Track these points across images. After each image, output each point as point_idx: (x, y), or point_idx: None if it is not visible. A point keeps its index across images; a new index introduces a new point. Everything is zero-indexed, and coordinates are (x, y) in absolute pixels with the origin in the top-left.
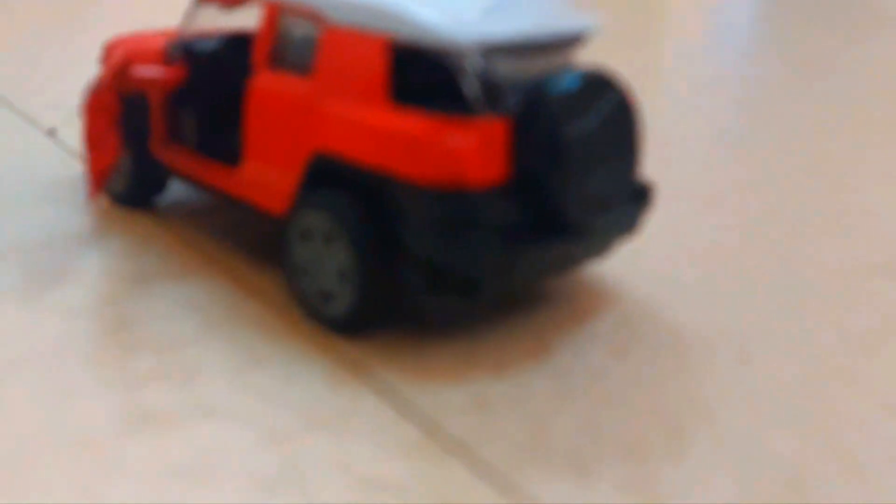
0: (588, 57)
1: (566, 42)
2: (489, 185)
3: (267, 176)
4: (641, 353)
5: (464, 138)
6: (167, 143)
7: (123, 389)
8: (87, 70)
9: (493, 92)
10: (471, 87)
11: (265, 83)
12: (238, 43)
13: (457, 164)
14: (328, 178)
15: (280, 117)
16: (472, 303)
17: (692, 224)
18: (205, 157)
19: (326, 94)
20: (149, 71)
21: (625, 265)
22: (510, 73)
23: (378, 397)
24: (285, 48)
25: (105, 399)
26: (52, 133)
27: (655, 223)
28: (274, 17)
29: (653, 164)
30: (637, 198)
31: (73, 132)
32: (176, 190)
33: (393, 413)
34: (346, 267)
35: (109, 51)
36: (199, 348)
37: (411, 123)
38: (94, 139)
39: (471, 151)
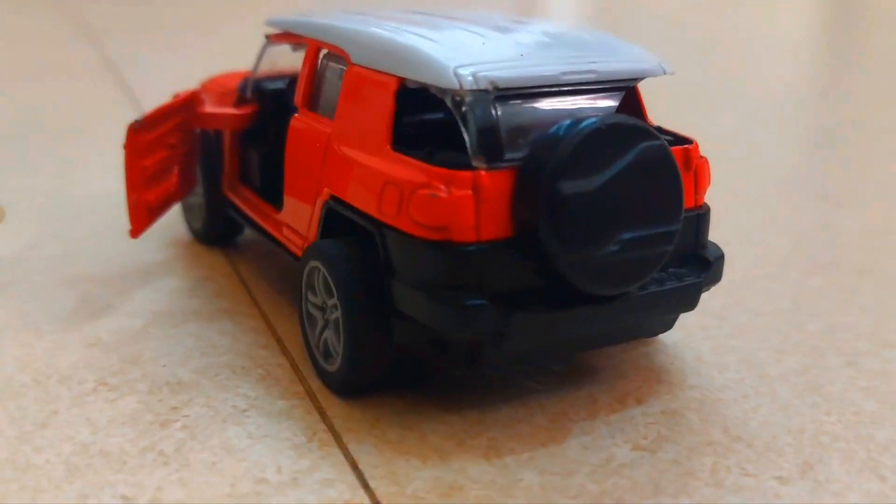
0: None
1: (612, 85)
2: (484, 242)
3: (295, 220)
4: (666, 455)
5: (456, 190)
6: (236, 183)
7: (90, 428)
8: None
9: (496, 140)
10: (472, 135)
11: (300, 124)
12: None
13: (446, 217)
14: (339, 225)
15: (307, 159)
16: (472, 371)
17: (787, 309)
18: (261, 199)
19: (341, 136)
20: (218, 108)
21: (697, 343)
22: (528, 119)
23: (336, 471)
24: (320, 90)
25: (69, 433)
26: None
27: (758, 298)
28: (313, 56)
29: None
30: (698, 268)
31: None
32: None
33: (347, 494)
34: (340, 322)
35: (205, 89)
36: (191, 394)
37: (402, 171)
38: (130, 178)
39: (462, 204)
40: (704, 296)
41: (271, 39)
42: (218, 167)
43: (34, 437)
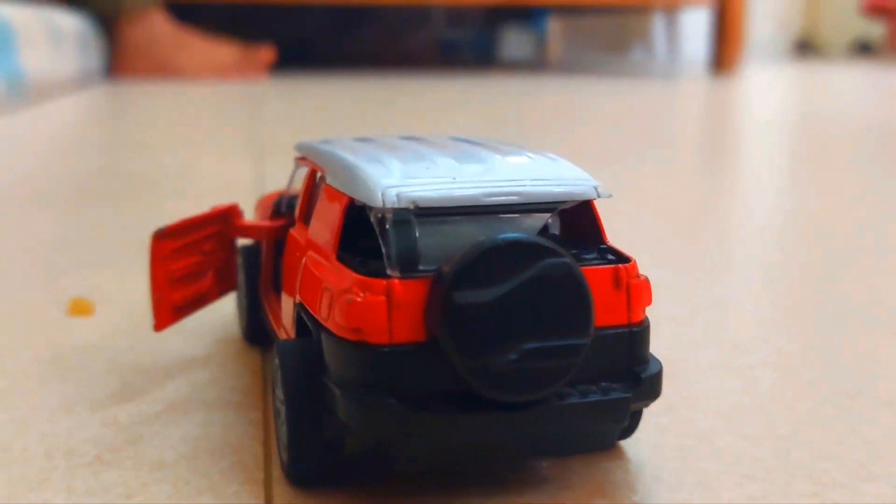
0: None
1: (539, 208)
2: (396, 344)
3: (286, 320)
4: None
5: (370, 296)
6: (268, 289)
7: (66, 495)
8: None
9: (411, 253)
10: (388, 247)
11: (293, 234)
12: None
13: (360, 320)
14: (305, 329)
15: (293, 265)
16: (392, 471)
17: (781, 436)
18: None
19: (310, 246)
20: (252, 221)
21: (663, 463)
22: (447, 236)
23: None
24: (311, 206)
25: (49, 497)
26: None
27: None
28: (311, 176)
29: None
30: (629, 383)
31: None
32: None
33: None
34: (284, 414)
35: (259, 204)
36: (165, 473)
37: (335, 277)
38: (153, 279)
39: (375, 309)
40: (693, 416)
41: (297, 161)
42: (256, 273)
43: (19, 498)
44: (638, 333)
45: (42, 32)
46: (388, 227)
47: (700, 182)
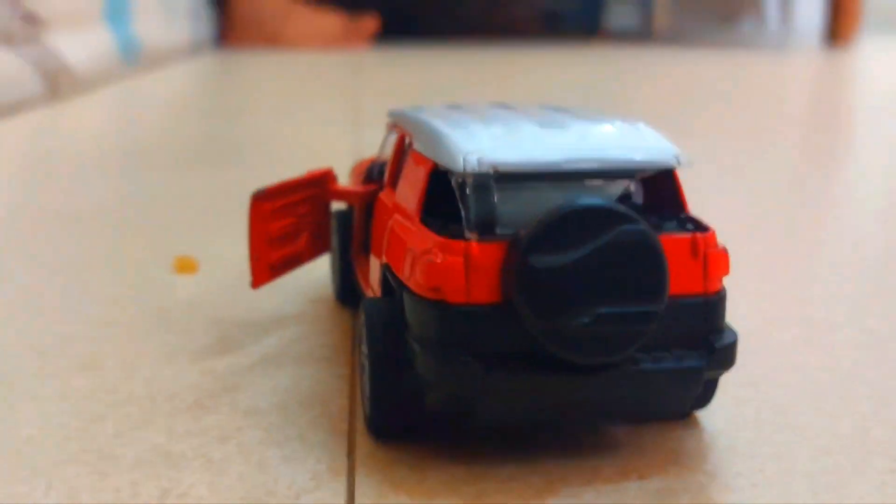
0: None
1: (617, 174)
2: (473, 304)
3: (374, 280)
4: None
5: (449, 256)
6: (359, 252)
7: (167, 435)
8: None
9: (488, 216)
10: (467, 211)
11: (381, 198)
12: None
13: (439, 279)
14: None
15: (380, 228)
16: (469, 428)
17: (864, 413)
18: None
19: (397, 210)
20: (345, 186)
21: (741, 433)
22: (526, 200)
23: (332, 497)
24: (399, 171)
25: (150, 435)
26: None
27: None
28: (400, 142)
29: None
30: (703, 353)
31: None
32: None
33: None
34: (367, 369)
35: (353, 170)
36: (258, 419)
37: (418, 239)
38: (252, 239)
39: (453, 269)
40: (772, 390)
41: (388, 128)
42: (349, 236)
43: (125, 437)
44: (714, 303)
45: (156, 1)
46: (468, 191)
47: (805, 158)
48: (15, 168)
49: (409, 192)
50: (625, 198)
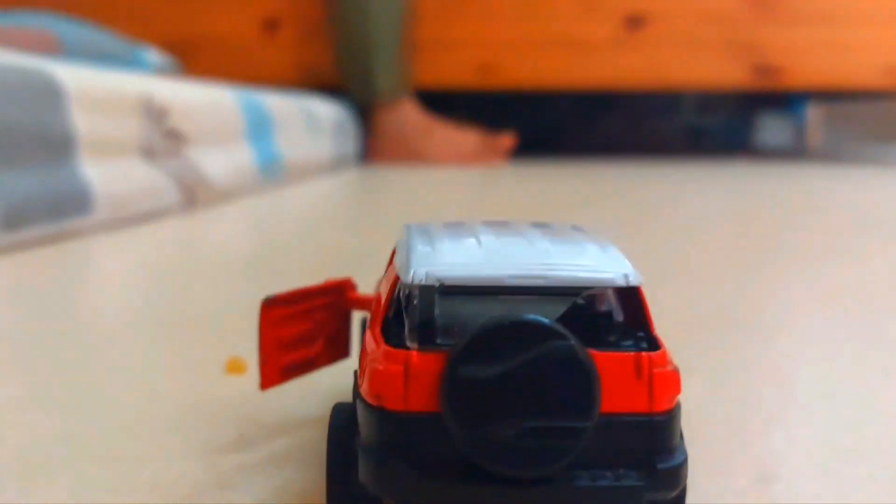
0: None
1: (565, 291)
2: (411, 413)
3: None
4: None
5: (391, 365)
6: None
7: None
8: None
9: (429, 327)
10: (411, 321)
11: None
12: None
13: (380, 387)
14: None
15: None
16: None
17: None
18: None
19: (370, 318)
20: (362, 294)
21: None
22: (469, 313)
23: None
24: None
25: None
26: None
27: None
28: (394, 252)
29: None
30: (645, 473)
31: None
32: None
33: None
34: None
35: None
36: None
37: (372, 347)
38: (262, 343)
39: (393, 378)
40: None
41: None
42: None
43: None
44: (659, 423)
45: (299, 120)
46: (414, 301)
47: None
48: (136, 272)
49: (378, 301)
50: (605, 315)
